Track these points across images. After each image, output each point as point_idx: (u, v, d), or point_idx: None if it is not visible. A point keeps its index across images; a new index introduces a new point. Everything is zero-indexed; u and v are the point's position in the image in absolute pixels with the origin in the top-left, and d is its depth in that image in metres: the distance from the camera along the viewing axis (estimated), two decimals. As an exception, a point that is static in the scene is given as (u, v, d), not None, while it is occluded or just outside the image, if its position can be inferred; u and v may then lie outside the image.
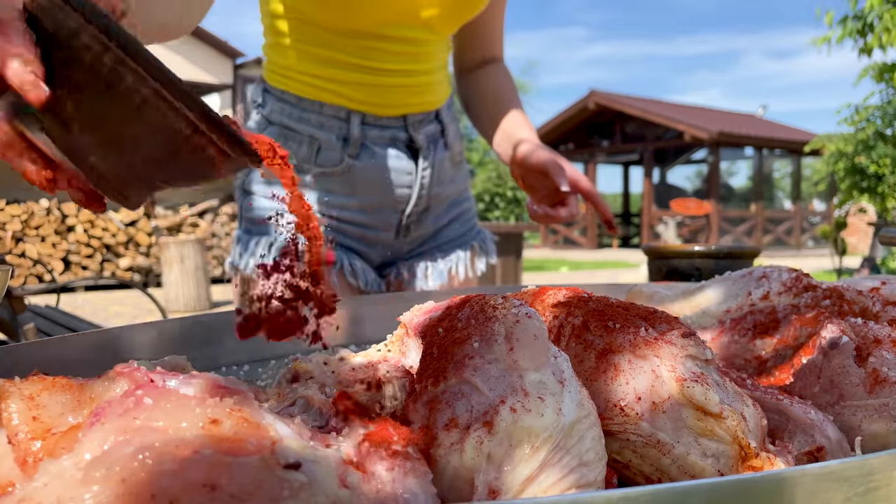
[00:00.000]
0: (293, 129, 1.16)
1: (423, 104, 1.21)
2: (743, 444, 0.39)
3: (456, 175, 1.30)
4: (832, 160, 9.66)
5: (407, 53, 1.15)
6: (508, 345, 0.37)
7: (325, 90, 1.15)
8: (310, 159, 1.16)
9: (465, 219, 1.35)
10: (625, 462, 0.40)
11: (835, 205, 12.18)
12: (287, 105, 1.17)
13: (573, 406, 0.36)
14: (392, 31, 1.12)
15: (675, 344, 0.42)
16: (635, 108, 16.65)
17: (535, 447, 0.34)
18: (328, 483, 0.29)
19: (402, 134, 1.19)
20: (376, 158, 1.18)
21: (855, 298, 0.58)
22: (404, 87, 1.17)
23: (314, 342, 0.54)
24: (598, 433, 0.37)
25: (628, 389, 0.40)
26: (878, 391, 0.45)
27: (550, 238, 19.30)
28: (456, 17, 1.16)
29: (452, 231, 1.32)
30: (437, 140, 1.24)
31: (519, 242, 6.65)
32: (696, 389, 0.39)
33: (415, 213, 1.24)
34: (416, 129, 1.20)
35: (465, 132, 22.91)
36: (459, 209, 1.33)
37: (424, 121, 1.22)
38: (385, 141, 1.18)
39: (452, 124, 1.28)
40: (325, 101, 1.15)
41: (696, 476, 0.38)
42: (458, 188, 1.32)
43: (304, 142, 1.16)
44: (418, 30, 1.13)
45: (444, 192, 1.27)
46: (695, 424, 0.39)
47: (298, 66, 1.15)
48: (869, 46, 7.45)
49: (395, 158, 1.19)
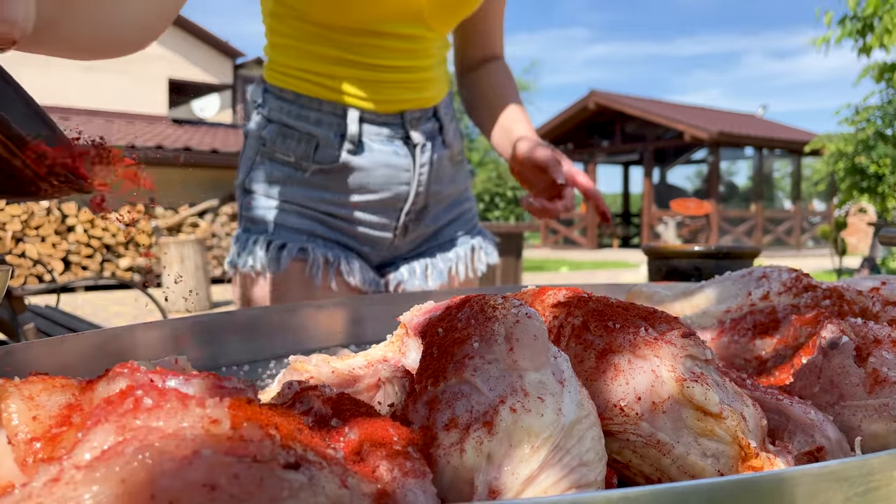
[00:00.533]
0: (292, 126, 1.16)
1: (420, 100, 1.20)
2: (743, 444, 0.39)
3: (456, 174, 1.30)
4: (832, 160, 9.66)
5: (403, 50, 1.15)
6: (508, 345, 0.37)
7: (323, 87, 1.16)
8: (308, 156, 1.16)
9: (465, 219, 1.34)
10: (625, 462, 0.40)
11: (835, 205, 12.18)
12: (286, 103, 1.17)
13: (573, 406, 0.36)
14: (388, 28, 1.12)
15: (675, 344, 0.41)
16: (635, 108, 16.65)
17: (535, 447, 0.34)
18: (328, 483, 0.29)
19: (400, 130, 1.19)
20: (374, 155, 1.18)
21: (855, 298, 0.58)
22: (401, 83, 1.17)
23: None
24: (598, 433, 0.37)
25: (628, 389, 0.40)
26: (878, 391, 0.45)
27: (550, 238, 19.30)
28: (450, 15, 1.16)
29: (453, 231, 1.32)
30: (435, 137, 1.24)
31: (519, 242, 6.67)
32: (696, 389, 0.39)
33: (413, 212, 1.23)
34: (413, 125, 1.20)
35: (465, 132, 22.91)
36: (460, 209, 1.33)
37: (422, 118, 1.21)
38: (382, 138, 1.18)
39: (451, 123, 1.28)
40: (323, 97, 1.16)
41: (696, 476, 0.38)
42: (458, 188, 1.31)
43: (302, 139, 1.16)
44: (415, 27, 1.13)
45: (444, 190, 1.27)
46: (695, 424, 0.39)
47: (297, 63, 1.16)
48: (869, 47, 7.44)
49: (393, 155, 1.19)
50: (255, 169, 1.20)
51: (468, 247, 1.32)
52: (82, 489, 0.25)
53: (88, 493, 0.25)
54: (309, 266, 1.16)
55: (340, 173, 1.17)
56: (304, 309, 0.88)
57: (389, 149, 1.18)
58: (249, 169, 1.21)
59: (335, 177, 1.18)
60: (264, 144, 1.18)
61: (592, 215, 18.28)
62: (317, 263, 1.16)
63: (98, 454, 0.27)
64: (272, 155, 1.18)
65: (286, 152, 1.17)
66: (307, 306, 0.89)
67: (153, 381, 0.33)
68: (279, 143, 1.17)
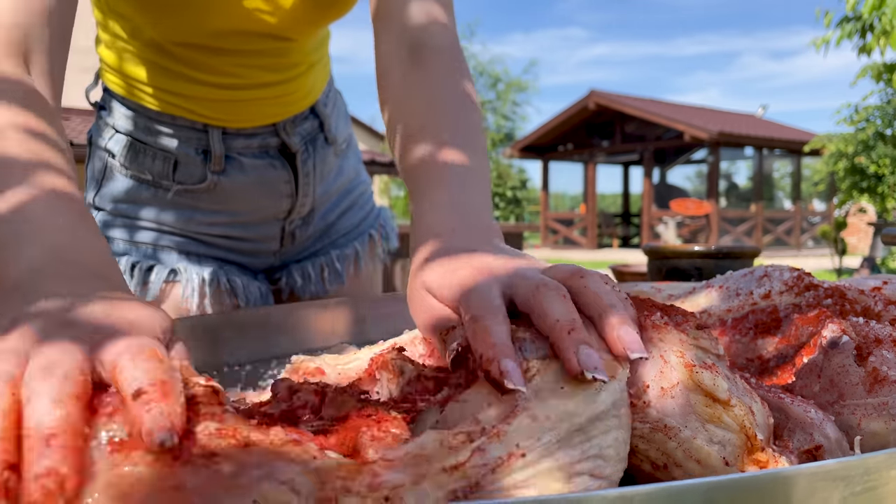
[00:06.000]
0: (143, 141, 0.97)
1: (292, 111, 1.02)
2: (750, 435, 0.39)
3: (343, 164, 1.12)
4: (832, 160, 9.67)
5: (260, 66, 0.95)
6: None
7: (171, 104, 0.96)
8: (167, 175, 0.98)
9: (359, 204, 1.17)
10: (631, 447, 0.40)
11: (835, 205, 12.18)
12: (133, 113, 0.97)
13: (610, 399, 0.36)
14: (237, 45, 0.91)
15: (688, 333, 0.42)
16: (635, 108, 16.65)
17: (559, 419, 0.35)
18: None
19: (274, 139, 1.00)
20: (245, 171, 0.99)
21: (857, 298, 0.58)
22: (265, 99, 0.98)
23: None
24: (626, 437, 0.37)
25: (636, 377, 0.40)
26: (878, 390, 0.45)
27: (550, 238, 19.30)
28: (310, 25, 0.94)
29: (347, 222, 1.15)
30: (317, 138, 1.06)
31: (519, 242, 6.67)
32: (706, 375, 0.39)
33: (298, 219, 1.07)
34: (288, 132, 1.01)
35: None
36: (351, 197, 1.16)
37: (298, 120, 1.02)
38: (254, 150, 1.00)
39: (334, 111, 1.09)
40: (175, 114, 0.96)
41: (702, 461, 0.38)
42: (346, 177, 1.13)
43: (157, 156, 0.97)
44: (268, 42, 0.93)
45: (331, 187, 1.10)
46: (703, 410, 0.39)
47: (137, 73, 0.95)
48: (869, 47, 7.45)
49: (269, 168, 1.01)
50: (105, 185, 1.00)
51: (366, 237, 1.17)
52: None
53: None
54: (183, 288, 0.99)
55: (209, 193, 0.99)
56: (307, 309, 0.88)
57: (263, 162, 1.00)
58: (99, 185, 1.00)
59: (204, 196, 1.00)
60: (112, 156, 0.98)
61: (592, 215, 18.30)
62: (191, 285, 0.99)
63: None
64: (124, 170, 0.98)
65: (140, 169, 0.98)
66: (309, 306, 0.89)
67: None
68: (130, 158, 0.97)
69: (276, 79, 0.97)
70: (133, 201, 0.99)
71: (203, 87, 0.94)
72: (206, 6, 0.86)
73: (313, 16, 0.91)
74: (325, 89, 1.08)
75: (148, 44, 0.92)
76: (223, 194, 1.00)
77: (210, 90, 0.95)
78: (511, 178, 23.36)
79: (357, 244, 1.15)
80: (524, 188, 24.54)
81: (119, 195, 0.99)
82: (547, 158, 19.38)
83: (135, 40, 0.93)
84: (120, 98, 0.98)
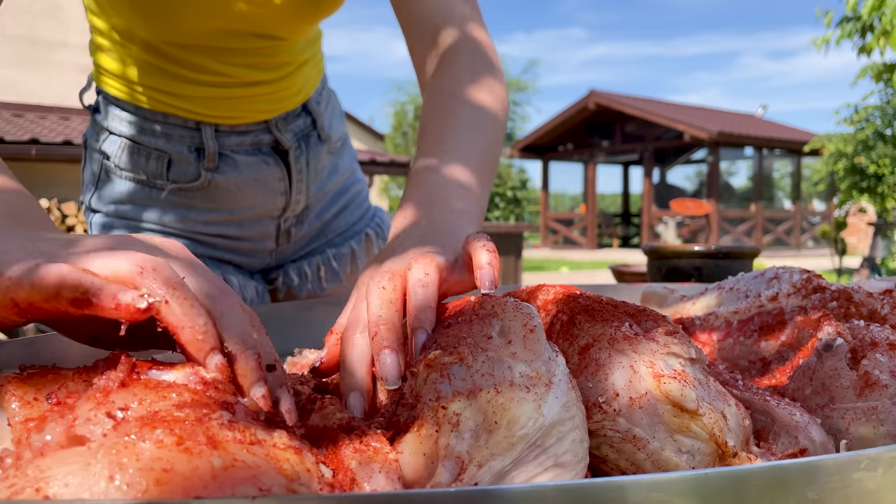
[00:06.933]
0: (137, 140, 0.99)
1: (283, 108, 1.03)
2: (720, 443, 0.39)
3: (338, 162, 1.13)
4: (832, 160, 9.67)
5: (252, 64, 0.97)
6: (505, 339, 0.38)
7: (163, 103, 0.97)
8: (161, 175, 0.99)
9: (355, 204, 1.18)
10: (602, 457, 0.40)
11: (835, 205, 12.19)
12: (126, 113, 0.99)
13: (557, 407, 0.36)
14: (228, 43, 0.93)
15: (658, 341, 0.42)
16: (635, 108, 16.66)
17: (511, 442, 0.35)
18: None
19: (266, 136, 1.02)
20: (239, 168, 1.01)
21: (864, 300, 0.58)
22: (257, 96, 0.99)
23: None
24: (582, 436, 0.37)
25: (607, 385, 0.40)
26: (868, 394, 0.44)
27: (550, 238, 19.32)
28: (300, 23, 0.96)
29: (343, 221, 1.16)
30: (309, 135, 1.06)
31: (519, 242, 6.65)
32: (673, 385, 0.39)
33: (293, 217, 1.08)
34: (281, 129, 1.02)
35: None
36: (347, 196, 1.16)
37: (290, 117, 1.04)
38: (247, 147, 1.01)
39: (327, 109, 1.10)
40: (167, 112, 0.98)
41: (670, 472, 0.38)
42: (342, 176, 1.15)
43: (151, 155, 0.99)
44: (259, 40, 0.94)
45: (326, 186, 1.11)
46: (671, 420, 0.39)
47: (129, 73, 0.97)
48: (869, 47, 7.45)
49: (262, 165, 1.02)
50: (102, 187, 1.02)
51: (362, 236, 1.17)
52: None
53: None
54: None
55: (203, 191, 1.01)
56: (316, 305, 0.88)
57: (256, 159, 1.02)
58: (95, 186, 1.03)
59: (198, 195, 1.01)
60: (108, 158, 1.00)
61: (592, 215, 18.29)
62: None
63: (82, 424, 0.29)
64: (119, 172, 1.00)
65: (135, 170, 0.99)
66: (319, 303, 0.89)
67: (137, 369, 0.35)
68: (124, 158, 0.99)
69: (266, 77, 0.99)
70: (130, 202, 1.01)
71: (195, 86, 0.96)
72: (198, 6, 0.87)
73: (303, 14, 0.93)
74: (317, 87, 1.09)
75: (140, 44, 0.94)
76: (217, 192, 1.01)
77: (201, 88, 0.96)
78: (511, 177, 23.37)
79: (353, 243, 1.16)
80: (524, 188, 24.55)
81: (116, 196, 1.01)
82: (547, 158, 19.40)
83: (127, 41, 0.94)
84: (113, 99, 1.00)
